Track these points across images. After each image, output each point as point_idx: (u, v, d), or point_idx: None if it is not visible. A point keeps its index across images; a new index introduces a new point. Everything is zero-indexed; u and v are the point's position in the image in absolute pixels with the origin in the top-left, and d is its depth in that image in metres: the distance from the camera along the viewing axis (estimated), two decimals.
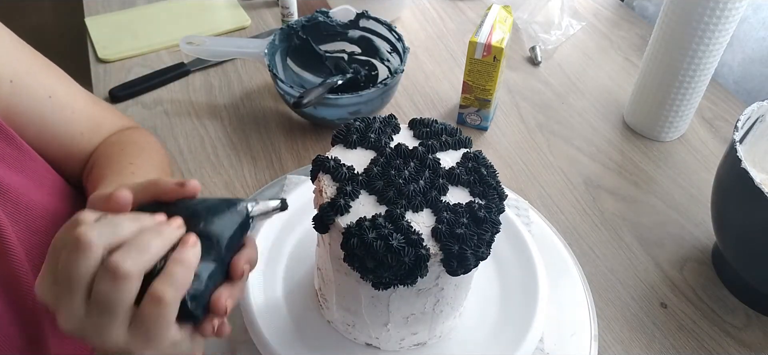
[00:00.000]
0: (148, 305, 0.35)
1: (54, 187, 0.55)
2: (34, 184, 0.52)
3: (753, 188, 0.53)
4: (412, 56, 0.97)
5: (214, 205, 0.40)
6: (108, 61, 0.92)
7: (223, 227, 0.39)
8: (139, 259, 0.35)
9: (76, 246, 0.34)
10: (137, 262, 0.35)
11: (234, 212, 0.40)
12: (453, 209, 0.43)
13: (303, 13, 0.94)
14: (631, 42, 1.03)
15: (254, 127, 0.81)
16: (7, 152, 0.50)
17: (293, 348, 0.51)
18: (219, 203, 0.40)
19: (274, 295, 0.55)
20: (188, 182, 0.40)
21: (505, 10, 0.81)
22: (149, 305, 0.35)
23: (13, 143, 0.51)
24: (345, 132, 0.50)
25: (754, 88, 0.93)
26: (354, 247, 0.41)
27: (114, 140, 0.63)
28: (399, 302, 0.46)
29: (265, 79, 0.90)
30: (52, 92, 0.57)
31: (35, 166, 0.54)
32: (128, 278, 0.34)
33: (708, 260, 0.67)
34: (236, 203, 0.41)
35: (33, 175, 0.53)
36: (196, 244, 0.37)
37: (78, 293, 0.34)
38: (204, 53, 0.83)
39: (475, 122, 0.83)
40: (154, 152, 0.64)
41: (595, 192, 0.75)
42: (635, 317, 0.61)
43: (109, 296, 0.34)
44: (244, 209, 0.41)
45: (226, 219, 0.40)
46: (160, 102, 0.85)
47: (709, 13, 0.69)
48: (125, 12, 1.03)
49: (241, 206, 0.41)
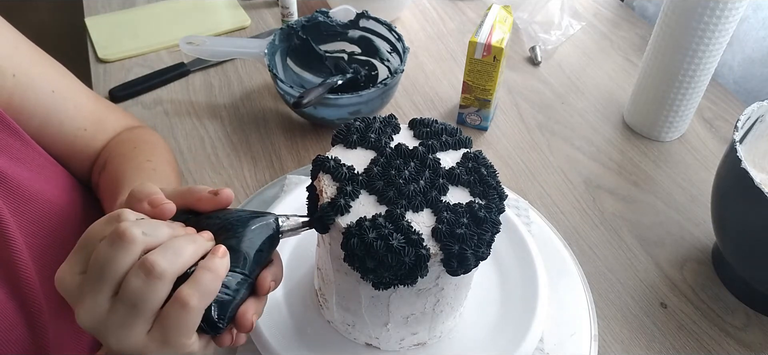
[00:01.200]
0: (173, 307, 0.35)
1: (57, 179, 0.56)
2: (37, 176, 0.52)
3: (753, 188, 0.53)
4: (412, 56, 0.97)
5: (245, 218, 0.40)
6: (108, 61, 0.92)
7: (252, 241, 0.40)
8: (175, 261, 0.35)
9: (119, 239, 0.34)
10: (173, 263, 0.35)
11: (264, 226, 0.41)
12: (453, 209, 0.43)
13: (303, 13, 0.94)
14: (631, 42, 1.03)
15: (254, 127, 0.81)
16: (9, 143, 0.50)
17: (293, 348, 0.51)
18: (249, 216, 0.41)
19: (274, 295, 0.55)
20: (222, 191, 0.41)
21: (505, 10, 0.81)
22: (174, 308, 0.35)
23: (17, 135, 0.51)
24: (345, 132, 0.50)
25: (754, 88, 0.93)
26: (354, 247, 0.41)
27: (125, 138, 0.63)
28: (399, 302, 0.46)
29: (265, 79, 0.90)
30: (55, 87, 0.57)
31: (39, 159, 0.54)
32: (162, 278, 0.34)
33: (708, 260, 0.67)
34: (266, 217, 0.41)
35: (36, 167, 0.53)
36: (225, 255, 0.38)
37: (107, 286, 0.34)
38: (204, 53, 0.83)
39: (475, 122, 0.83)
40: (165, 151, 0.65)
41: (595, 192, 0.75)
42: (635, 317, 0.61)
43: (141, 293, 0.34)
44: (274, 223, 0.41)
45: (255, 233, 0.40)
46: (160, 102, 0.85)
47: (709, 13, 0.69)
48: (125, 12, 1.03)
49: (271, 220, 0.41)
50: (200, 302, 0.36)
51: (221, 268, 0.37)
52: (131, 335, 0.35)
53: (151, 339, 0.35)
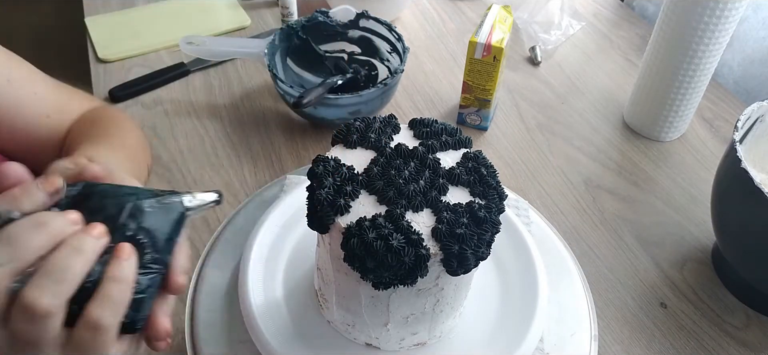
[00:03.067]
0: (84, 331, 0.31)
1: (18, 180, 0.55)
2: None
3: (753, 188, 0.53)
4: (412, 56, 0.97)
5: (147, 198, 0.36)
6: (108, 61, 0.92)
7: (159, 225, 0.35)
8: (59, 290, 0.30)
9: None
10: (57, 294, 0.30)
11: (169, 206, 0.36)
12: (453, 209, 0.43)
13: (303, 13, 0.94)
14: (631, 42, 1.03)
15: (254, 127, 0.81)
16: None
17: (293, 348, 0.51)
18: (151, 195, 0.36)
19: (274, 295, 0.55)
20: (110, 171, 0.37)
21: (505, 10, 0.81)
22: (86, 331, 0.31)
23: None
24: (345, 132, 0.50)
25: (754, 88, 0.93)
26: (354, 247, 0.41)
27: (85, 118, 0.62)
28: (399, 302, 0.46)
29: (265, 79, 0.90)
30: (11, 77, 0.57)
31: None
32: (49, 315, 0.30)
33: (708, 260, 0.67)
34: (171, 196, 0.37)
35: None
36: (131, 255, 0.33)
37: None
38: (204, 53, 0.83)
39: (475, 122, 0.83)
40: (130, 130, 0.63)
41: (595, 192, 0.75)
42: (635, 317, 0.61)
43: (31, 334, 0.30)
44: (179, 203, 0.37)
45: (160, 215, 0.36)
46: (160, 102, 0.85)
47: (709, 13, 0.69)
48: (125, 12, 1.03)
49: (176, 199, 0.37)
50: (113, 319, 0.32)
51: (129, 273, 0.33)
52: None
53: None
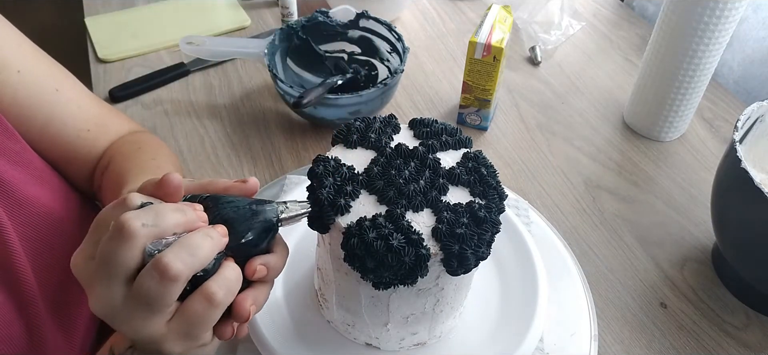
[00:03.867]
0: (199, 302, 0.35)
1: (52, 185, 0.56)
2: (33, 180, 0.52)
3: (753, 188, 0.53)
4: (412, 56, 0.97)
5: (246, 208, 0.40)
6: (108, 61, 0.92)
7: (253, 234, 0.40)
8: (190, 261, 0.34)
9: (118, 232, 0.34)
10: (188, 264, 0.34)
11: (262, 215, 0.40)
12: (453, 209, 0.43)
13: (303, 13, 0.94)
14: (631, 42, 1.03)
15: (254, 127, 0.81)
16: (7, 146, 0.50)
17: (293, 348, 0.51)
18: (249, 205, 0.40)
19: (274, 295, 0.55)
20: (250, 179, 0.42)
21: (505, 10, 0.81)
22: (200, 302, 0.35)
23: (14, 138, 0.51)
24: (345, 132, 0.50)
25: (754, 88, 0.93)
26: (354, 247, 0.41)
27: (128, 140, 0.63)
28: (399, 302, 0.46)
29: (265, 79, 0.90)
30: (59, 87, 0.58)
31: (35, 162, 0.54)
32: (177, 280, 0.34)
33: (708, 260, 0.67)
34: (265, 206, 0.41)
35: (32, 171, 0.53)
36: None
37: (116, 280, 0.34)
38: (204, 53, 0.83)
39: (475, 122, 0.83)
40: (169, 153, 0.65)
41: (595, 192, 0.75)
42: (635, 317, 0.61)
43: (156, 293, 0.34)
44: (273, 213, 0.41)
45: (255, 225, 0.40)
46: (160, 102, 0.85)
47: (709, 13, 0.69)
48: (125, 12, 1.03)
49: (270, 208, 0.41)
50: (225, 299, 0.36)
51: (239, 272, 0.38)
52: (148, 326, 0.35)
53: (171, 330, 0.35)
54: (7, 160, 0.50)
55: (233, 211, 0.39)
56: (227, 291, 0.36)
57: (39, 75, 0.56)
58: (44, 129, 0.56)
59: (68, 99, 0.58)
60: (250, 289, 0.40)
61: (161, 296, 0.34)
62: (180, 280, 0.34)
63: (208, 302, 0.35)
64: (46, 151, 0.57)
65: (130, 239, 0.34)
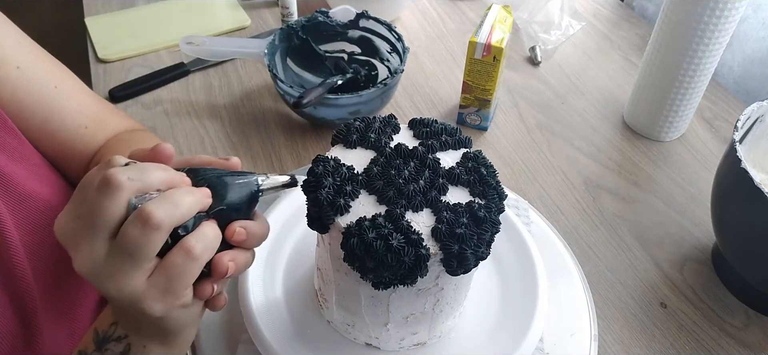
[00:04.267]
0: (177, 255, 0.36)
1: (50, 181, 0.56)
2: (32, 175, 0.52)
3: (753, 188, 0.53)
4: (412, 56, 0.97)
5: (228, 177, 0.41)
6: (108, 61, 0.92)
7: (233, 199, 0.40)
8: (172, 212, 0.35)
9: (105, 185, 0.34)
10: (170, 215, 0.35)
11: (244, 184, 0.41)
12: (453, 209, 0.43)
13: (303, 13, 0.94)
14: (631, 42, 1.03)
15: (254, 127, 0.81)
16: (7, 142, 0.50)
17: (293, 348, 0.51)
18: (230, 175, 0.41)
19: (274, 295, 0.55)
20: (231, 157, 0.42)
21: (505, 10, 0.81)
22: (179, 255, 0.36)
23: (13, 134, 0.52)
24: (345, 132, 0.50)
25: (754, 88, 0.93)
26: (354, 247, 0.41)
27: (122, 138, 0.63)
28: (399, 301, 0.46)
29: (265, 79, 0.90)
30: (58, 84, 0.58)
31: (34, 158, 0.54)
32: (159, 228, 0.34)
33: (708, 260, 0.67)
34: (247, 176, 0.42)
35: (31, 167, 0.53)
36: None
37: (101, 233, 0.35)
38: (204, 53, 0.83)
39: (475, 122, 0.83)
40: None
41: (595, 192, 0.75)
42: (635, 317, 0.61)
43: (138, 242, 0.34)
44: (254, 182, 0.42)
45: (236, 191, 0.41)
46: (160, 102, 0.85)
47: (709, 13, 0.69)
48: (125, 12, 1.03)
49: (251, 178, 0.42)
50: (203, 254, 0.37)
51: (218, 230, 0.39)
52: (130, 281, 0.35)
53: (152, 285, 0.36)
54: (7, 156, 0.50)
55: (216, 177, 0.40)
56: (205, 246, 0.37)
57: (38, 72, 0.56)
58: (43, 126, 0.56)
59: (67, 96, 0.58)
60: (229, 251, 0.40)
61: (143, 246, 0.34)
62: (162, 229, 0.35)
63: (187, 255, 0.36)
64: (45, 148, 0.57)
65: (116, 191, 0.34)
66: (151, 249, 0.35)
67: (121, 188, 0.34)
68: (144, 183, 0.36)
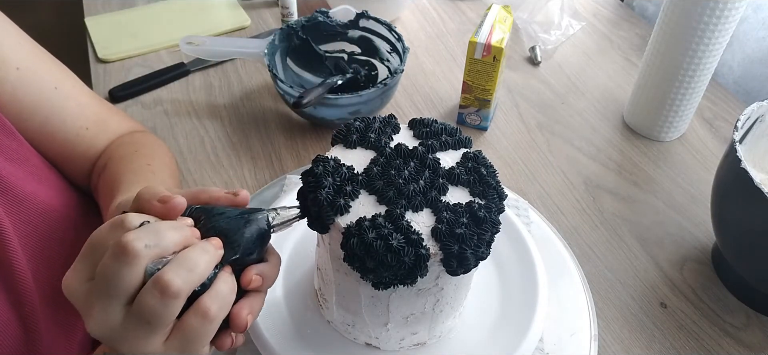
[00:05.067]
0: (194, 318, 0.36)
1: (50, 182, 0.56)
2: (31, 177, 0.52)
3: (753, 188, 0.53)
4: (412, 56, 0.97)
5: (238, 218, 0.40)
6: (108, 61, 0.92)
7: (247, 245, 0.40)
8: (189, 278, 0.35)
9: (122, 253, 0.34)
10: (187, 281, 0.35)
11: (254, 224, 0.41)
12: (453, 209, 0.43)
13: (303, 13, 0.94)
14: (631, 42, 1.03)
15: (254, 127, 0.81)
16: (5, 144, 0.50)
17: (293, 348, 0.51)
18: (240, 214, 0.41)
19: (274, 295, 0.55)
20: (240, 192, 0.42)
21: (505, 10, 0.81)
22: (196, 318, 0.36)
23: (12, 136, 0.51)
24: (345, 132, 0.50)
25: (754, 88, 0.93)
26: (354, 247, 0.41)
27: (126, 141, 0.63)
28: (399, 301, 0.46)
29: (265, 79, 0.90)
30: (58, 84, 0.58)
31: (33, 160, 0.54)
32: (178, 297, 0.34)
33: (708, 260, 0.67)
34: (257, 214, 0.41)
35: (30, 169, 0.53)
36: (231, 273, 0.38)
37: (117, 300, 0.34)
38: (204, 53, 0.83)
39: (475, 122, 0.83)
40: (167, 156, 0.65)
41: (595, 192, 0.75)
42: (635, 317, 0.61)
43: (156, 310, 0.34)
44: (264, 219, 0.41)
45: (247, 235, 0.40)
46: (160, 102, 0.85)
47: (709, 13, 0.69)
48: (125, 12, 1.03)
49: (261, 216, 0.41)
50: (219, 313, 0.36)
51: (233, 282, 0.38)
52: (147, 345, 0.35)
53: (169, 348, 0.36)
54: (6, 158, 0.50)
55: (225, 222, 0.40)
56: (221, 305, 0.37)
57: (38, 72, 0.56)
58: (43, 126, 0.56)
59: (67, 97, 0.58)
60: (245, 298, 0.40)
61: (162, 314, 0.34)
62: (180, 297, 0.34)
63: (204, 318, 0.36)
64: (45, 149, 0.57)
65: (133, 260, 0.34)
66: (169, 317, 0.35)
67: (139, 257, 0.34)
68: (161, 248, 0.35)
